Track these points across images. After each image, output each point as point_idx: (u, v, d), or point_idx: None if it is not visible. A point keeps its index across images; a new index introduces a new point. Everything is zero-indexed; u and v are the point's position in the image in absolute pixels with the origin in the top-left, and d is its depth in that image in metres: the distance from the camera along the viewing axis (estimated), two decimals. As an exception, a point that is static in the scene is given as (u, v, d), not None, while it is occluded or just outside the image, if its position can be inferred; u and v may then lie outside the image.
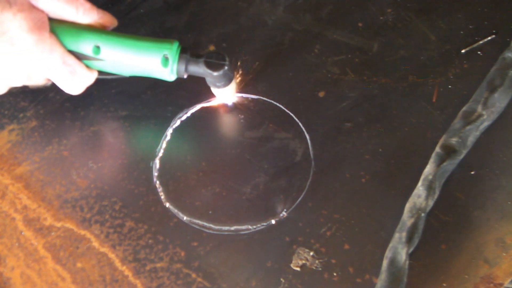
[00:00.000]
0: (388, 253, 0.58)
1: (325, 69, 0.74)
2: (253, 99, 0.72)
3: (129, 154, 0.68)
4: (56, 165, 0.67)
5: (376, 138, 0.68)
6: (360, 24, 0.78)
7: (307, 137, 0.68)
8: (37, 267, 0.61)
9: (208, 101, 0.71)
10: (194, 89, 0.72)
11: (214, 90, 0.67)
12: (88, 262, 0.61)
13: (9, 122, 0.71)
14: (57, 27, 0.61)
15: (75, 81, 0.63)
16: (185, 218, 0.63)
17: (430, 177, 0.62)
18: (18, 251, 0.62)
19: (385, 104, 0.71)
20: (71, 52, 0.62)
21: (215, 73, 0.63)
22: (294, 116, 0.70)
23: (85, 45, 0.62)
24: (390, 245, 0.58)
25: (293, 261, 0.60)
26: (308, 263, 0.60)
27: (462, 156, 0.65)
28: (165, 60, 0.63)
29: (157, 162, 0.67)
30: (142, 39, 0.63)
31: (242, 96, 0.72)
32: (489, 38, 0.75)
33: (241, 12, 0.80)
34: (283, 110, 0.71)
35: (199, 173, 0.67)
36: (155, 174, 0.67)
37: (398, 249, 0.58)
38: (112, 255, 0.61)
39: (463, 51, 0.75)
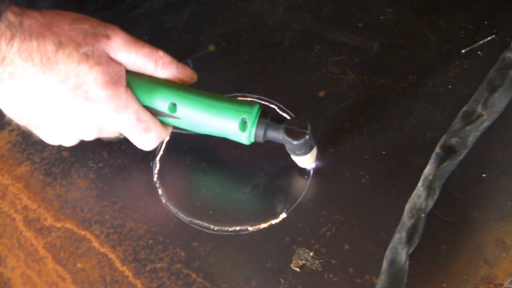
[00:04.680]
0: (388, 254, 0.58)
1: (325, 69, 0.74)
2: (252, 98, 0.72)
3: (129, 154, 0.68)
4: (56, 165, 0.67)
5: (376, 138, 0.68)
6: (360, 24, 0.78)
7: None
8: (37, 268, 0.61)
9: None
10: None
11: (293, 157, 0.63)
12: (89, 262, 0.61)
13: (9, 122, 0.70)
14: (133, 81, 0.59)
15: (148, 138, 0.60)
16: (185, 218, 0.64)
17: (430, 177, 0.62)
18: (19, 252, 0.62)
19: (385, 104, 0.71)
20: (146, 107, 0.59)
21: (295, 142, 0.59)
22: (294, 116, 0.70)
23: (161, 102, 0.59)
24: (390, 245, 0.58)
25: (293, 261, 0.60)
26: (308, 264, 0.60)
27: (462, 156, 0.65)
28: (243, 124, 0.59)
29: (157, 162, 0.67)
30: (220, 99, 0.60)
31: (242, 96, 0.72)
32: (489, 38, 0.75)
33: (241, 12, 0.80)
34: (283, 109, 0.71)
35: (199, 173, 0.67)
36: (155, 174, 0.67)
37: (398, 250, 0.58)
38: (112, 256, 0.61)
39: (463, 51, 0.75)
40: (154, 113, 0.60)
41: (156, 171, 0.67)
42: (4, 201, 0.65)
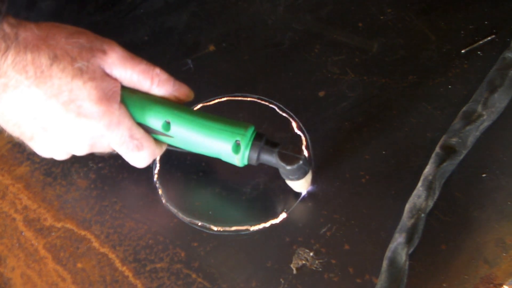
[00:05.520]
0: (388, 254, 0.58)
1: (325, 69, 0.74)
2: (252, 98, 0.72)
3: (129, 154, 0.68)
4: (56, 166, 0.67)
5: (376, 138, 0.68)
6: (360, 24, 0.78)
7: (307, 137, 0.68)
8: (37, 268, 0.61)
9: (208, 101, 0.72)
10: (194, 88, 0.72)
11: (287, 181, 0.62)
12: (89, 262, 0.61)
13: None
14: (128, 97, 0.58)
15: (141, 155, 0.60)
16: (185, 218, 0.64)
17: (430, 177, 0.62)
18: (19, 252, 0.62)
19: (385, 104, 0.71)
20: (140, 124, 0.58)
21: (289, 167, 0.58)
22: (294, 116, 0.70)
23: (155, 120, 0.58)
24: (390, 245, 0.58)
25: (293, 262, 0.60)
26: (308, 264, 0.60)
27: (462, 157, 0.65)
28: (237, 146, 0.58)
29: (157, 162, 0.67)
30: (215, 120, 0.59)
31: (241, 96, 0.72)
32: (489, 38, 0.75)
33: (241, 12, 0.80)
34: (283, 109, 0.71)
35: (199, 173, 0.67)
36: (155, 174, 0.67)
37: (398, 250, 0.58)
38: (112, 256, 0.61)
39: (463, 51, 0.75)
40: (148, 130, 0.59)
41: (156, 171, 0.67)
42: (4, 201, 0.65)
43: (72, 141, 0.57)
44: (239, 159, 0.59)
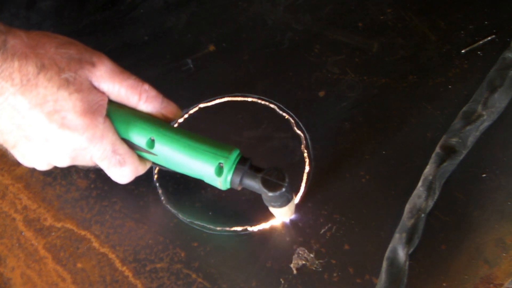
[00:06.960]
0: (388, 254, 0.58)
1: (325, 69, 0.74)
2: (252, 98, 0.72)
3: (129, 154, 0.68)
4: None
5: (376, 138, 0.68)
6: (360, 24, 0.78)
7: (307, 137, 0.68)
8: (37, 268, 0.61)
9: (208, 101, 0.72)
10: (194, 89, 0.72)
11: (270, 208, 0.61)
12: (89, 262, 0.61)
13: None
14: (114, 112, 0.57)
15: (123, 171, 0.58)
16: (185, 218, 0.64)
17: (430, 177, 0.62)
18: (19, 252, 0.62)
19: (385, 104, 0.71)
20: (125, 140, 0.57)
21: (271, 194, 0.56)
22: (294, 116, 0.70)
23: (140, 137, 0.57)
24: (390, 245, 0.58)
25: (293, 262, 0.60)
26: (308, 264, 0.60)
27: (462, 157, 0.65)
28: (220, 169, 0.57)
29: (157, 162, 0.67)
30: (200, 141, 0.57)
31: (242, 96, 0.72)
32: (489, 38, 0.75)
33: (241, 12, 0.80)
34: (283, 109, 0.71)
35: (199, 173, 0.67)
36: (155, 174, 0.67)
37: (398, 250, 0.58)
38: (112, 256, 0.61)
39: (463, 51, 0.75)
40: (132, 146, 0.58)
41: (156, 171, 0.67)
42: (4, 201, 0.65)
43: (54, 152, 0.56)
44: (221, 182, 0.58)
